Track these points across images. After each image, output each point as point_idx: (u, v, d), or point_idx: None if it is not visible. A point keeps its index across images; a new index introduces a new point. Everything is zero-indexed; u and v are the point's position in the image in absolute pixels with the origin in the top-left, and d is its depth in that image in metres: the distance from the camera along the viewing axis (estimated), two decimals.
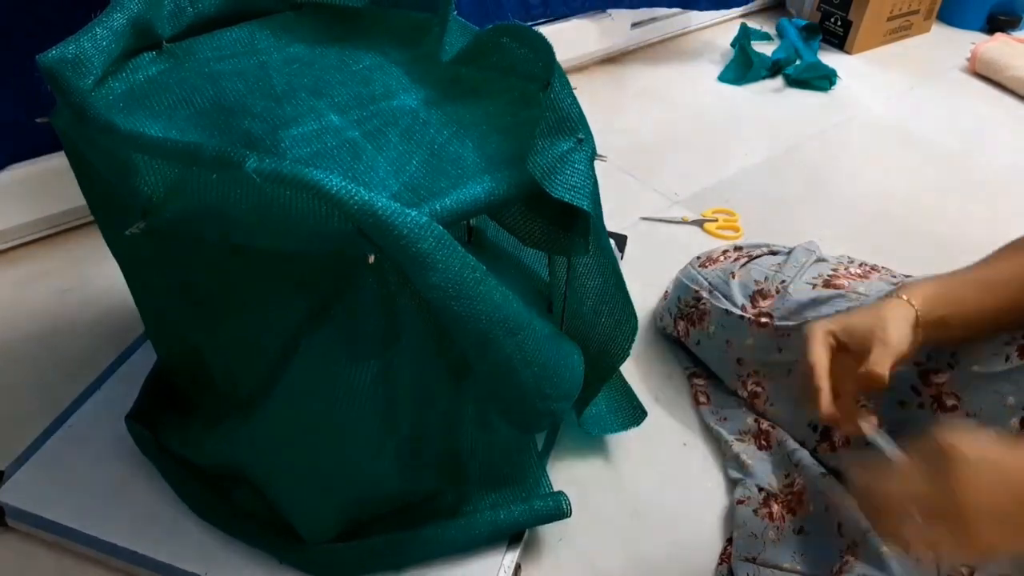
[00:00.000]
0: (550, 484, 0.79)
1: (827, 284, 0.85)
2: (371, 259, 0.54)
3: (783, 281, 0.89)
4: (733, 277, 0.93)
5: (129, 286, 0.75)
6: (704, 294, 0.93)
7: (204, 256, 0.64)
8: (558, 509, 0.76)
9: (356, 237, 0.53)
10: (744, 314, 0.88)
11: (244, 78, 0.70)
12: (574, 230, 0.67)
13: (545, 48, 0.66)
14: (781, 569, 0.76)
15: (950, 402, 0.76)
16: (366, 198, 0.52)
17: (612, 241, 1.05)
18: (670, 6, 1.60)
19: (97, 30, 0.67)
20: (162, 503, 0.76)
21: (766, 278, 0.90)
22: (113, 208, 0.67)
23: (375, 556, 0.74)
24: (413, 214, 0.53)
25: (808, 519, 0.79)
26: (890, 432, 0.79)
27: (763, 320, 0.86)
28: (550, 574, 0.76)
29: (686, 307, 0.95)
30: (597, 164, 0.68)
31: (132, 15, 0.69)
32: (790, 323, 0.84)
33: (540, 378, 0.68)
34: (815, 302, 0.83)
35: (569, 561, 0.77)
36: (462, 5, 1.33)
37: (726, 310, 0.89)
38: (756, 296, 0.89)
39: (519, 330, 0.63)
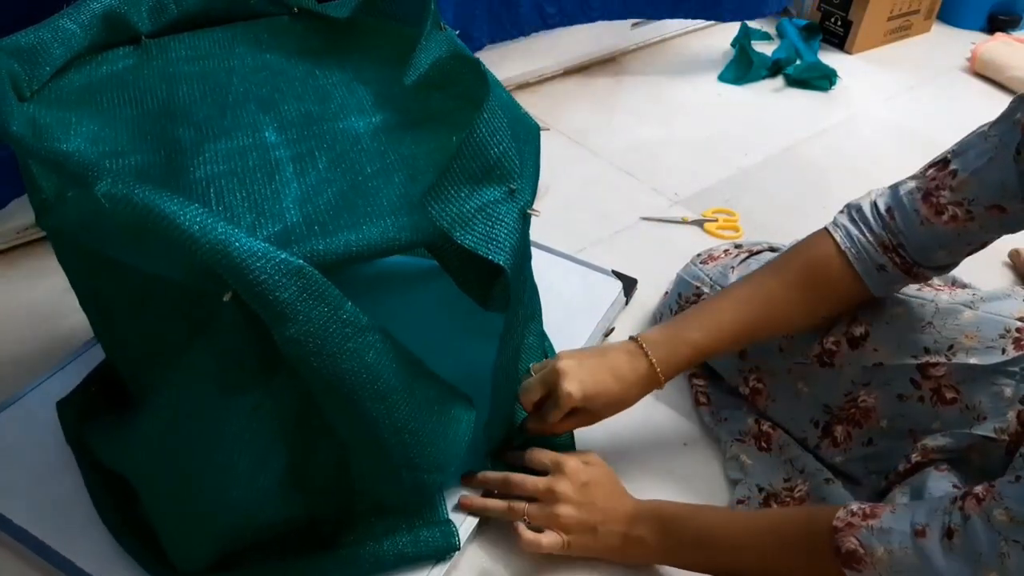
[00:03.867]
0: (446, 510, 0.73)
1: None
2: (226, 297, 0.50)
3: None
4: (733, 272, 0.93)
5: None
6: (705, 289, 0.93)
7: (100, 265, 0.62)
8: (446, 542, 0.71)
9: (213, 273, 0.50)
10: None
11: (204, 82, 0.69)
12: (495, 285, 0.63)
13: (480, 88, 0.62)
14: None
15: (949, 395, 0.76)
16: (220, 237, 0.48)
17: (620, 284, 1.02)
18: (692, 17, 1.55)
19: (61, 21, 0.66)
20: (84, 496, 0.74)
21: None
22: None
23: None
24: (279, 258, 0.49)
25: None
26: (891, 426, 0.80)
27: None
28: (549, 573, 0.76)
29: (687, 303, 0.95)
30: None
31: (104, 8, 0.68)
32: None
33: (411, 447, 0.63)
34: None
35: (569, 560, 0.77)
36: (477, 12, 1.31)
37: None
38: None
39: (390, 393, 0.58)
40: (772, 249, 0.97)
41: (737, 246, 1.00)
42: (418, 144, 0.65)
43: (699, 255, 1.01)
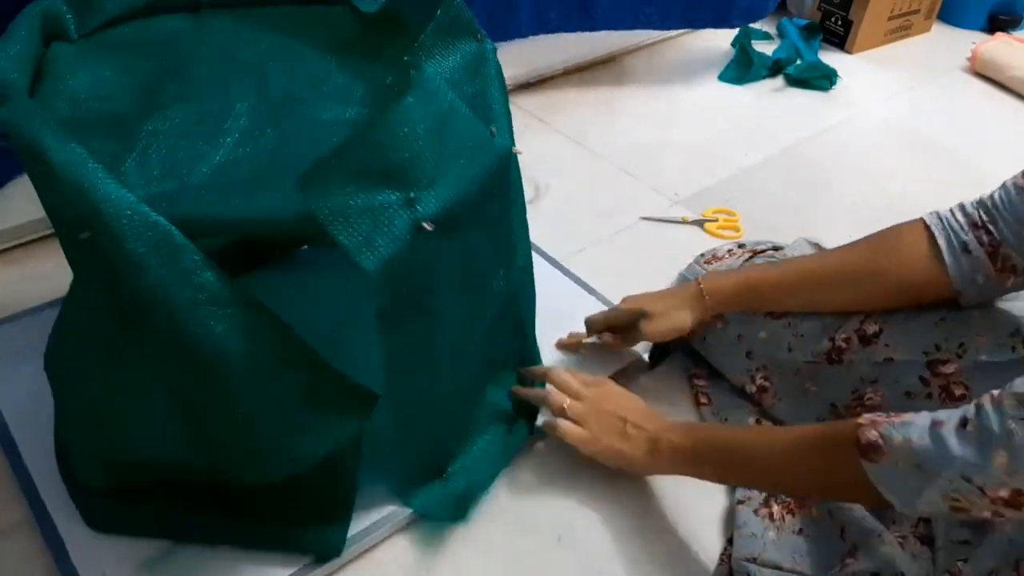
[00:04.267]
0: (349, 514, 0.73)
1: None
2: (83, 235, 0.52)
3: None
4: None
5: None
6: None
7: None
8: (323, 550, 0.72)
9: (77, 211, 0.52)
10: None
11: (222, 50, 0.73)
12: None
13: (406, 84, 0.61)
14: (781, 569, 0.75)
15: (958, 391, 0.76)
16: (84, 177, 0.51)
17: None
18: (703, 27, 1.54)
19: None
20: None
21: None
22: None
23: (145, 522, 0.72)
24: (136, 209, 0.51)
25: (809, 521, 0.79)
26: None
27: (776, 312, 0.87)
28: (550, 573, 0.76)
29: None
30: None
31: None
32: (804, 322, 0.85)
33: (257, 427, 0.62)
34: None
35: (569, 560, 0.77)
36: (474, 11, 1.31)
37: None
38: None
39: (237, 372, 0.57)
40: (776, 248, 0.97)
41: (740, 246, 1.00)
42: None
43: (703, 255, 1.00)
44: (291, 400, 0.61)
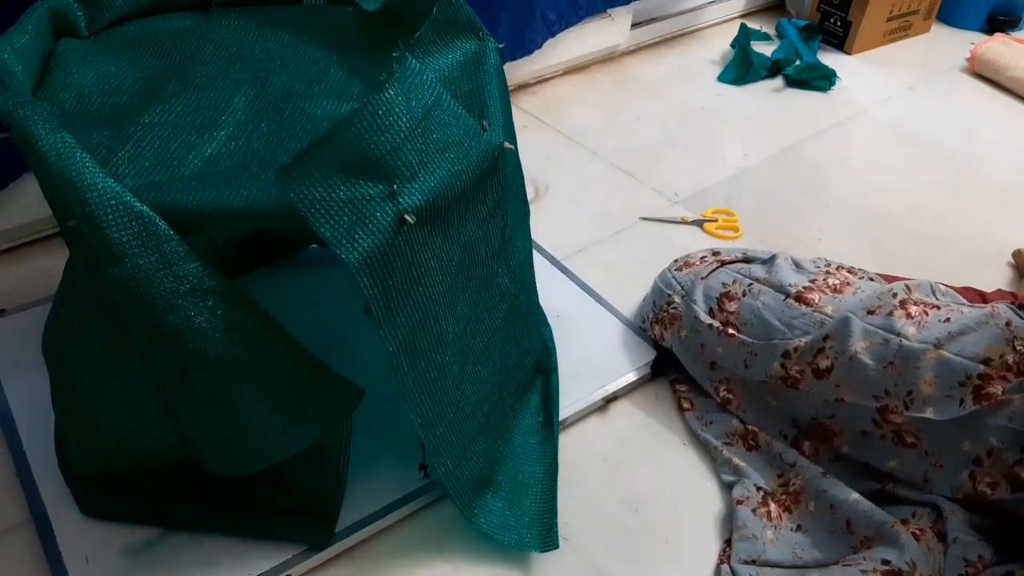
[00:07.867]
0: (337, 507, 0.73)
1: (799, 298, 0.85)
2: (70, 223, 0.53)
3: (750, 284, 0.89)
4: (701, 283, 0.92)
5: None
6: (676, 298, 0.93)
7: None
8: (311, 541, 0.72)
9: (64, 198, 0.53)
10: (713, 321, 0.88)
11: (227, 48, 0.74)
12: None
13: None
14: (783, 568, 0.76)
15: (909, 439, 0.78)
16: (72, 166, 0.51)
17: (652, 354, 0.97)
18: None
19: None
20: None
21: (734, 281, 0.90)
22: None
23: (134, 509, 0.74)
24: (121, 199, 0.52)
25: (806, 516, 0.80)
26: (852, 458, 0.81)
27: (730, 332, 0.87)
28: (550, 573, 0.76)
29: (660, 310, 0.95)
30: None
31: None
32: (756, 342, 0.85)
33: (226, 418, 0.62)
34: (781, 322, 0.84)
35: (570, 560, 0.77)
36: (501, 31, 1.36)
37: (696, 316, 0.90)
38: (723, 298, 0.89)
39: (214, 362, 0.57)
40: (747, 260, 0.96)
41: (715, 253, 0.99)
42: None
43: (676, 261, 0.99)
44: (267, 395, 0.61)
